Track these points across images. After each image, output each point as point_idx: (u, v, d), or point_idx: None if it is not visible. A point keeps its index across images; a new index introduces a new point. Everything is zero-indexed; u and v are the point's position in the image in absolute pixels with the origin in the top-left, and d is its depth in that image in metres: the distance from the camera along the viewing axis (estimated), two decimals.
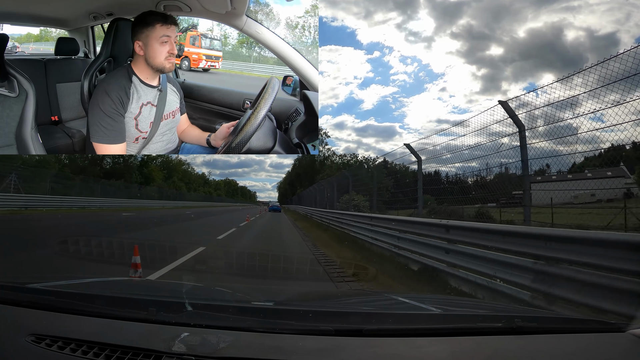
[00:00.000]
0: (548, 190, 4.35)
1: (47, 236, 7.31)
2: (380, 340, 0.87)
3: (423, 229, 4.76)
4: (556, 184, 4.51)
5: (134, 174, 38.01)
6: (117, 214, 18.42)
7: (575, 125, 3.69)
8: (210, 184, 72.29)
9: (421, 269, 4.64)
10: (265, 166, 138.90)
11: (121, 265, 3.12)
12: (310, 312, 1.03)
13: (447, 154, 5.96)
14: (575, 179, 4.24)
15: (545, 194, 4.36)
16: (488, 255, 3.35)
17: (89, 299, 1.08)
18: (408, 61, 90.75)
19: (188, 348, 0.80)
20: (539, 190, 4.30)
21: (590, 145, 3.63)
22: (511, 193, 5.06)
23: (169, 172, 47.52)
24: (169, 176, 47.42)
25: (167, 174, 47.10)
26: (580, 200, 5.68)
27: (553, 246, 2.64)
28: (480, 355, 0.87)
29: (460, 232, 3.92)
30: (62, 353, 0.82)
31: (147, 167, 41.20)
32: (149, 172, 41.04)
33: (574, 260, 2.48)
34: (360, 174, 11.45)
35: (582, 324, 1.15)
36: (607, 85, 3.21)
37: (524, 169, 4.11)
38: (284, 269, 2.95)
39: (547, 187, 4.47)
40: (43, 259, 4.68)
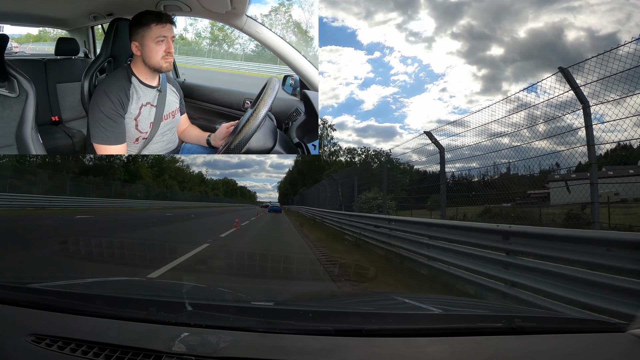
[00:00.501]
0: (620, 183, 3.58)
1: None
2: (380, 340, 0.87)
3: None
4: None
5: (119, 171, 34.45)
6: (77, 215, 14.88)
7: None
8: (207, 183, 69.80)
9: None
10: (266, 166, 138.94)
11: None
12: (310, 312, 1.03)
13: (471, 142, 4.88)
14: (602, 177, 3.57)
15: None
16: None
17: (89, 299, 1.08)
18: (408, 61, 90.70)
19: (188, 348, 0.80)
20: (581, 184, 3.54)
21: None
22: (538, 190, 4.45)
23: (160, 169, 43.88)
24: (160, 174, 43.74)
25: (158, 172, 43.44)
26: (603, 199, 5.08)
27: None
28: (480, 355, 0.87)
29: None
30: (62, 353, 0.82)
31: (135, 163, 37.23)
32: (136, 169, 37.19)
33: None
34: (374, 170, 9.69)
35: (582, 324, 1.15)
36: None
37: (590, 155, 3.20)
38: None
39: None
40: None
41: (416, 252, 4.80)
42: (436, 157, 5.55)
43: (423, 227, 4.77)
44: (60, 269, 3.66)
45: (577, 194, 3.58)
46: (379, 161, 10.00)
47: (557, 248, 2.51)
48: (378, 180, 8.52)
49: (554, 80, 3.60)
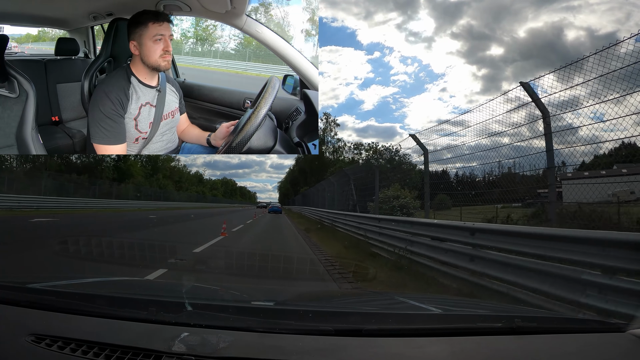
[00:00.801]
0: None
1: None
2: (380, 340, 0.87)
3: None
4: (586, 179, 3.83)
5: (107, 170, 32.37)
6: (34, 218, 12.75)
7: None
8: (204, 183, 67.57)
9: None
10: (266, 167, 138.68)
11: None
12: (310, 312, 1.03)
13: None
14: (610, 175, 3.69)
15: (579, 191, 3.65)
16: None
17: (89, 299, 1.08)
18: (408, 61, 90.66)
19: (188, 348, 0.80)
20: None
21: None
22: (535, 191, 4.51)
23: (153, 168, 41.73)
24: (153, 173, 41.59)
25: (152, 170, 41.32)
26: (621, 199, 4.75)
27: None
28: (480, 355, 0.87)
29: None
30: (62, 353, 0.82)
31: (126, 162, 34.70)
32: (127, 167, 34.80)
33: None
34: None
35: (582, 324, 1.15)
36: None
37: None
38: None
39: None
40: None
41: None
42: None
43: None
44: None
45: (590, 192, 3.59)
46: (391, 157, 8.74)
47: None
48: (399, 179, 7.58)
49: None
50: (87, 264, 2.88)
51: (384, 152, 10.74)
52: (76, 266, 3.22)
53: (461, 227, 3.84)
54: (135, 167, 37.36)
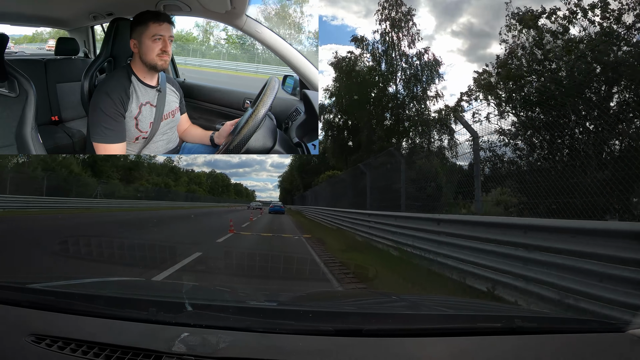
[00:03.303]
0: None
1: None
2: (380, 340, 0.87)
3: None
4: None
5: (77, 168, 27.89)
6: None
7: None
8: (179, 174, 50.47)
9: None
10: (267, 166, 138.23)
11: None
12: (310, 312, 1.03)
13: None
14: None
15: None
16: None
17: (89, 299, 1.08)
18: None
19: (188, 348, 0.80)
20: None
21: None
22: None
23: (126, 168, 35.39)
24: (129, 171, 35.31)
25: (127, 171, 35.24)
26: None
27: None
28: (480, 356, 0.87)
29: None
30: (62, 353, 0.82)
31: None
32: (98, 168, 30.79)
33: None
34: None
35: (582, 324, 1.15)
36: None
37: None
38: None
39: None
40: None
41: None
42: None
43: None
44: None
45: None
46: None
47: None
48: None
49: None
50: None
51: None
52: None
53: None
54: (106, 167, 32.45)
